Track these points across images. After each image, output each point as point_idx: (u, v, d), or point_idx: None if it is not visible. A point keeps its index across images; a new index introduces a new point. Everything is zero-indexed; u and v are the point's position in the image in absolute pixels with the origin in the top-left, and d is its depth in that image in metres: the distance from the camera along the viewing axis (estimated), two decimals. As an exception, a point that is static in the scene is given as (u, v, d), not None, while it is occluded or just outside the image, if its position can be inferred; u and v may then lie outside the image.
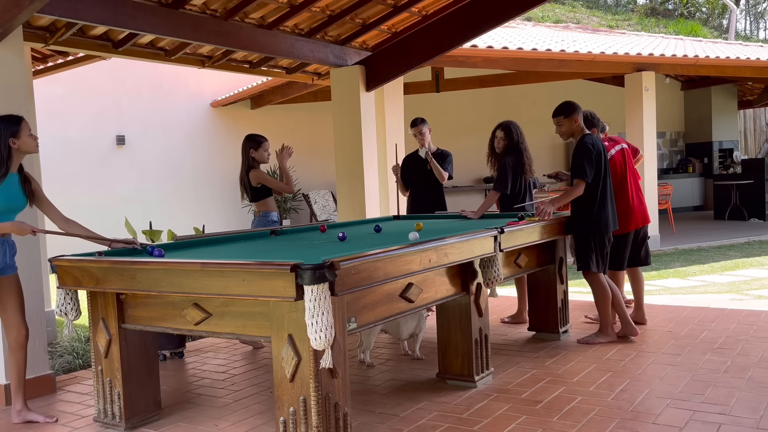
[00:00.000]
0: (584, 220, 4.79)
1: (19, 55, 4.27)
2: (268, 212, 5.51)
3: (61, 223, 3.79)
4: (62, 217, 3.81)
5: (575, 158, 4.74)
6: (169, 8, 5.24)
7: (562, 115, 4.83)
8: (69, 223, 3.81)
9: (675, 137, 17.03)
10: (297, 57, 6.46)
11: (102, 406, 3.64)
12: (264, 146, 5.53)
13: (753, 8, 34.69)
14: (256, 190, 5.50)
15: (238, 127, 12.65)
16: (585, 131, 4.85)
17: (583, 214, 4.79)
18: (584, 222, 4.80)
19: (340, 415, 2.95)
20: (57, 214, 3.82)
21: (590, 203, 4.74)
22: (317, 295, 2.65)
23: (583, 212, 4.79)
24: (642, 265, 5.38)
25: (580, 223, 4.82)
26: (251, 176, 5.46)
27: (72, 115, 10.94)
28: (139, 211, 10.44)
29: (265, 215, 5.50)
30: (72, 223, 3.81)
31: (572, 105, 4.85)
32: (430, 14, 6.73)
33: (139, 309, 3.48)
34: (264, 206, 5.54)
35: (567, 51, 9.51)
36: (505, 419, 3.46)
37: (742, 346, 4.58)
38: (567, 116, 4.81)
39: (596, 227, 4.75)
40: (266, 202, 5.55)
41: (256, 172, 5.49)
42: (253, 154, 5.47)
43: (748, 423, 3.25)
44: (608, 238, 4.83)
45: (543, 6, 18.10)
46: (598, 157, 4.70)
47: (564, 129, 4.85)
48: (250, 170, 5.48)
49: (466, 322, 3.99)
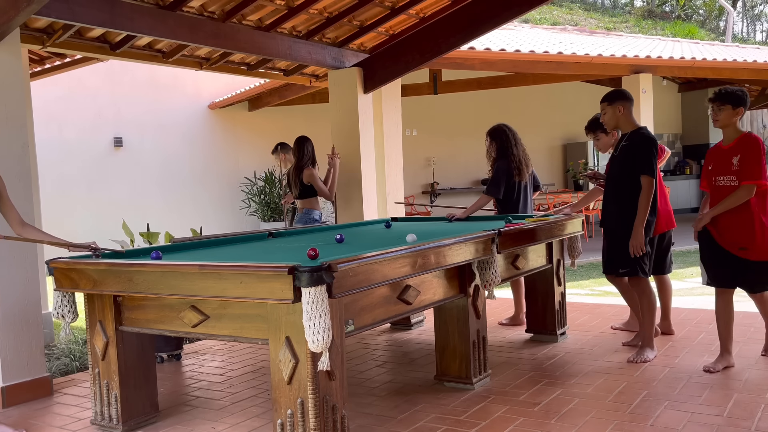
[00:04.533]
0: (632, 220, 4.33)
1: (16, 56, 4.26)
2: (311, 210, 5.86)
3: (18, 228, 3.62)
4: (19, 220, 3.63)
5: (639, 152, 4.33)
6: (167, 10, 5.24)
7: (607, 102, 4.49)
8: (25, 227, 3.63)
9: (672, 139, 17.06)
10: (295, 59, 6.46)
11: (99, 409, 3.63)
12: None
13: (750, 11, 34.79)
14: (304, 187, 5.81)
15: (235, 129, 12.65)
16: (638, 124, 4.49)
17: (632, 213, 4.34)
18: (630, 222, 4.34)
19: (337, 418, 2.95)
20: (15, 217, 3.62)
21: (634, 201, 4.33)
22: (315, 297, 2.65)
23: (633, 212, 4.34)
24: (666, 273, 5.05)
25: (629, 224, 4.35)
26: (305, 174, 5.78)
27: (69, 117, 10.93)
28: (136, 213, 10.41)
29: (308, 212, 5.85)
30: (28, 228, 3.64)
31: (618, 92, 4.52)
32: (427, 16, 6.73)
33: (136, 311, 3.48)
34: (308, 204, 5.89)
35: (564, 53, 9.53)
36: (503, 421, 3.46)
37: (739, 348, 4.58)
38: (611, 103, 4.46)
39: (649, 229, 4.42)
40: (311, 200, 5.89)
41: (310, 171, 5.82)
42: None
43: (745, 425, 3.25)
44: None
45: (540, 8, 18.14)
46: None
47: (608, 118, 4.50)
48: (305, 168, 5.78)
49: (463, 324, 3.99)
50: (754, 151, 4.03)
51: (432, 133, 13.98)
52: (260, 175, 12.56)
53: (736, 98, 4.13)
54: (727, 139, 4.20)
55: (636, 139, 4.40)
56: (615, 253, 4.50)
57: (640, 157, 4.33)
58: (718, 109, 4.18)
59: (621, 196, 4.43)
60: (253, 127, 12.80)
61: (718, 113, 4.17)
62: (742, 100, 4.14)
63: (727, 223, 4.10)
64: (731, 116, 4.15)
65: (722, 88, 4.23)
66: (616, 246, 4.48)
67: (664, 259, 4.96)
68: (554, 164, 15.20)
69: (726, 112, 4.14)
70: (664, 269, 5.01)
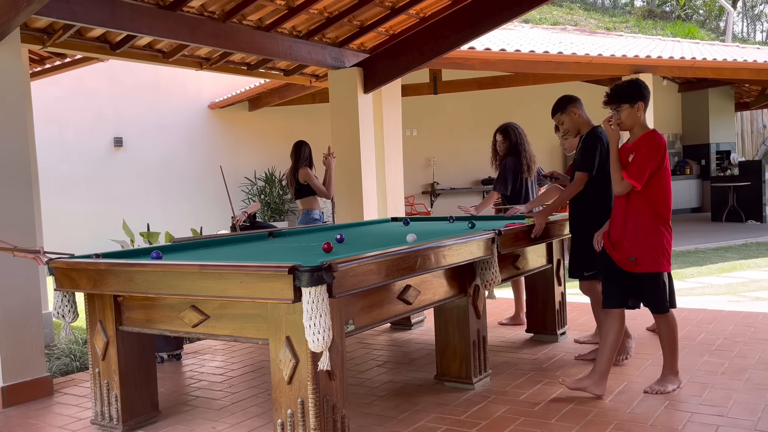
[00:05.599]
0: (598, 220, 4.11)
1: (16, 56, 4.26)
2: (310, 210, 5.86)
3: None
4: None
5: (581, 150, 4.27)
6: (167, 10, 5.24)
7: (559, 111, 4.39)
8: None
9: (672, 139, 17.06)
10: (295, 59, 6.47)
11: (99, 409, 3.63)
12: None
13: (750, 11, 34.79)
14: (301, 186, 5.82)
15: (235, 128, 12.65)
16: (592, 123, 4.38)
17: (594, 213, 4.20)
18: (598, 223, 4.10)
19: (338, 417, 2.95)
20: None
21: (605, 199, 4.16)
22: (315, 297, 2.65)
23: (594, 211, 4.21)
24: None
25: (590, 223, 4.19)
26: (300, 173, 5.80)
27: (69, 117, 10.93)
28: (136, 213, 10.42)
29: (308, 213, 5.86)
30: None
31: (566, 98, 4.40)
32: (428, 16, 6.73)
33: (136, 311, 3.48)
34: (307, 204, 5.89)
35: (564, 53, 9.53)
36: (503, 421, 3.46)
37: (739, 347, 4.58)
38: (564, 111, 4.37)
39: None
40: (309, 200, 5.89)
41: (305, 171, 5.83)
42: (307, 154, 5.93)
43: (746, 425, 3.25)
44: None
45: (540, 8, 18.14)
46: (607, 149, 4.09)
47: (567, 126, 4.38)
48: (300, 168, 5.83)
49: (464, 324, 3.99)
50: (644, 150, 3.63)
51: (432, 133, 13.98)
52: (260, 175, 12.56)
53: (630, 93, 3.71)
54: (632, 138, 3.80)
55: (584, 137, 4.33)
56: (579, 256, 4.40)
57: (583, 154, 4.26)
58: (617, 111, 3.73)
59: (580, 198, 4.35)
60: (253, 127, 12.80)
61: (618, 116, 3.75)
62: (637, 93, 3.70)
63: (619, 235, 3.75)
64: (634, 114, 3.71)
65: (612, 86, 3.82)
66: (579, 249, 4.39)
67: None
68: (554, 164, 15.17)
69: (626, 111, 3.71)
70: None
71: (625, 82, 3.83)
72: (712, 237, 11.44)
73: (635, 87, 3.72)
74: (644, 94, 3.73)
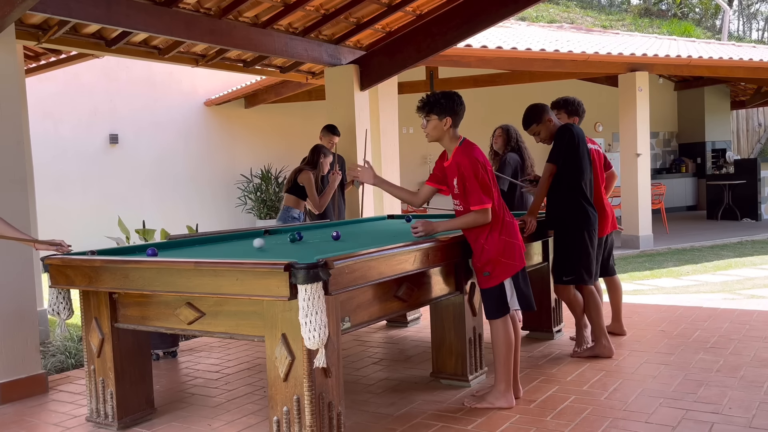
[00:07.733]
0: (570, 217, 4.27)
1: (11, 53, 4.25)
2: (291, 207, 5.88)
3: None
4: None
5: (552, 145, 4.35)
6: (163, 6, 5.22)
7: (534, 123, 4.37)
8: None
9: (668, 137, 17.09)
10: (291, 56, 6.45)
11: (95, 406, 3.63)
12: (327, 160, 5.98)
13: (746, 9, 34.84)
14: (296, 186, 5.84)
15: (231, 126, 12.63)
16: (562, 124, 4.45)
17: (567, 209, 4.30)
18: (571, 220, 4.28)
19: (333, 415, 2.95)
20: None
21: (577, 195, 4.28)
22: (311, 294, 2.65)
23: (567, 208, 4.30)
24: (610, 275, 4.94)
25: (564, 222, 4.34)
26: (302, 175, 5.80)
27: (65, 114, 10.90)
28: (132, 210, 10.39)
29: (288, 210, 5.88)
30: None
31: (537, 108, 4.40)
32: (424, 14, 6.72)
33: (132, 308, 3.47)
34: (292, 202, 5.90)
35: (561, 51, 9.53)
36: (498, 418, 3.46)
37: (734, 345, 4.59)
38: (540, 122, 4.36)
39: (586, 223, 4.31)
40: (296, 200, 5.90)
41: (308, 175, 5.81)
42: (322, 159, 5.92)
43: (741, 422, 3.26)
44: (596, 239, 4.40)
45: (537, 6, 18.15)
46: (578, 143, 4.24)
47: (544, 134, 4.39)
48: (303, 170, 5.83)
49: (460, 322, 3.99)
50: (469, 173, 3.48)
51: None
52: (256, 172, 12.54)
53: (442, 106, 3.53)
54: (448, 154, 3.66)
55: (555, 135, 4.37)
56: (558, 259, 4.46)
57: (552, 148, 4.33)
58: (426, 120, 3.59)
59: (552, 200, 4.41)
60: (249, 124, 12.78)
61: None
62: (448, 108, 3.52)
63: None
64: (440, 127, 3.56)
65: (429, 94, 3.66)
66: (558, 251, 4.46)
67: (608, 261, 4.91)
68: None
69: (433, 122, 3.56)
70: (608, 270, 4.93)
71: (442, 93, 3.59)
72: (707, 235, 11.48)
73: (449, 101, 3.54)
74: (456, 110, 3.54)
